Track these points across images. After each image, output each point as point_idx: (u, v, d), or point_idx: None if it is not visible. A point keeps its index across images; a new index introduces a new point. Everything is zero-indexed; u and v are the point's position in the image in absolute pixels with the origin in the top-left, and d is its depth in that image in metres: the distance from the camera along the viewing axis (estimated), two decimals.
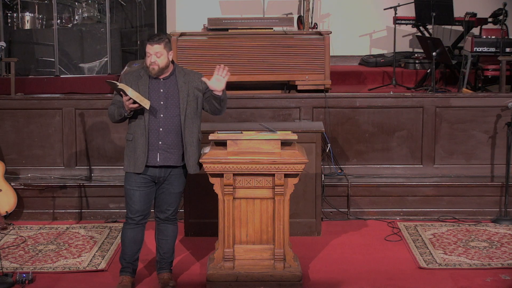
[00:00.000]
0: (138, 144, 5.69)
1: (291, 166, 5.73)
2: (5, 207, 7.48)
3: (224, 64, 5.91)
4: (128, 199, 5.80)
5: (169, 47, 5.71)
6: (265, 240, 5.91)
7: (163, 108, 5.70)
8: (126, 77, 5.78)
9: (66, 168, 8.07)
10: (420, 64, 10.59)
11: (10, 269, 6.24)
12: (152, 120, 5.68)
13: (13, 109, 8.05)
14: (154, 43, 5.63)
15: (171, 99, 5.72)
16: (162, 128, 5.70)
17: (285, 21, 9.36)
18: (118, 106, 5.69)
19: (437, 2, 10.06)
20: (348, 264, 6.44)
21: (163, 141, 5.70)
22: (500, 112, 7.97)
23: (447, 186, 7.72)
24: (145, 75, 5.74)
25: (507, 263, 6.38)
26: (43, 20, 10.36)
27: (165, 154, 5.71)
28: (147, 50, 5.66)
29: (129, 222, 5.84)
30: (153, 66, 5.66)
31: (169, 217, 5.90)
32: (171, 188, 5.82)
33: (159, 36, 5.69)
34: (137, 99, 5.56)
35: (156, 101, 5.69)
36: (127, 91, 5.55)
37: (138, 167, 5.70)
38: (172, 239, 5.97)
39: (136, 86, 5.67)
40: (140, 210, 5.79)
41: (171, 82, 5.75)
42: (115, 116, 5.74)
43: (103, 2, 10.42)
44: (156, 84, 5.73)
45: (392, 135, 8.04)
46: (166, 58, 5.68)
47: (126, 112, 5.64)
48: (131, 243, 5.87)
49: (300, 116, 8.03)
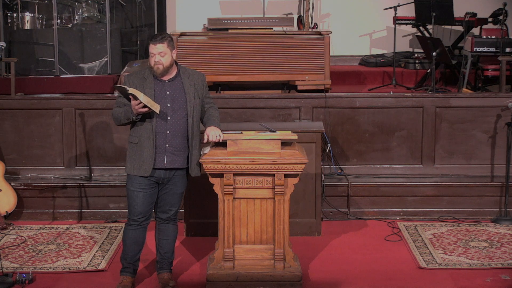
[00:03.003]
0: (144, 148, 5.66)
1: (291, 166, 5.73)
2: (5, 207, 7.48)
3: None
4: (131, 201, 5.77)
5: (172, 45, 5.67)
6: (265, 240, 5.91)
7: (170, 111, 5.66)
8: (130, 79, 5.72)
9: (66, 168, 8.08)
10: (420, 64, 10.59)
11: (10, 269, 6.24)
12: (159, 123, 5.65)
13: (13, 109, 8.06)
14: (157, 43, 5.59)
15: (178, 101, 5.69)
16: (170, 131, 5.66)
17: (285, 21, 9.36)
18: (125, 110, 5.63)
19: (437, 2, 10.06)
20: (348, 264, 6.44)
21: (170, 143, 5.68)
22: (500, 112, 7.97)
23: (447, 186, 7.72)
24: (150, 77, 5.69)
25: (507, 263, 6.38)
26: (43, 20, 10.36)
27: (172, 156, 5.69)
28: (151, 50, 5.63)
29: (131, 223, 5.82)
30: (157, 65, 5.62)
31: (170, 217, 5.90)
32: (175, 189, 5.82)
33: (162, 35, 5.65)
34: (148, 104, 5.50)
35: (163, 104, 5.65)
36: (139, 96, 5.48)
37: (145, 171, 5.66)
38: (173, 239, 5.97)
39: (142, 89, 5.62)
40: (143, 212, 5.78)
41: (177, 84, 5.72)
42: (122, 120, 5.69)
43: (103, 2, 10.42)
44: (162, 86, 5.70)
45: (392, 135, 8.04)
46: (170, 57, 5.64)
47: (134, 115, 5.59)
48: (132, 244, 5.87)
49: (300, 116, 8.03)
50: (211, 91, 8.68)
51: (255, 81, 8.78)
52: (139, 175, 5.69)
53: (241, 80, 8.75)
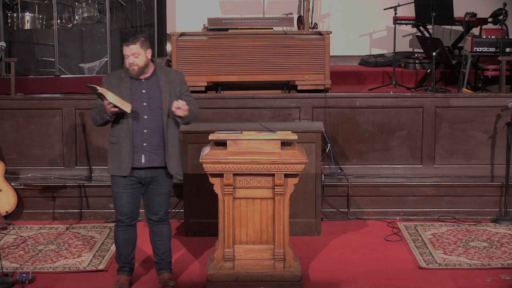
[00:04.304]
0: (122, 147, 5.68)
1: (291, 166, 5.73)
2: (5, 207, 7.48)
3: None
4: (116, 202, 5.81)
5: (146, 45, 5.66)
6: (265, 240, 5.91)
7: (146, 109, 5.67)
8: (107, 80, 5.75)
9: (66, 168, 8.08)
10: (420, 64, 10.59)
11: (10, 269, 6.24)
12: (136, 122, 5.66)
13: (13, 109, 8.06)
14: (129, 44, 5.60)
15: (154, 100, 5.69)
16: (147, 130, 5.67)
17: (285, 21, 9.35)
18: (100, 110, 5.67)
19: (437, 2, 10.05)
20: (348, 264, 6.44)
21: (147, 142, 5.68)
22: (500, 112, 7.97)
23: (447, 186, 7.72)
24: (126, 77, 5.70)
25: (507, 263, 6.38)
26: (43, 20, 10.36)
27: (150, 155, 5.69)
28: (124, 52, 5.64)
29: (119, 224, 5.85)
30: (132, 67, 5.63)
31: (161, 218, 5.88)
32: (160, 188, 5.80)
33: (134, 36, 5.66)
34: (118, 103, 5.53)
35: (139, 102, 5.67)
36: (106, 95, 5.51)
37: (124, 170, 5.69)
38: (168, 238, 5.96)
39: (118, 89, 5.65)
40: (129, 212, 5.80)
41: (153, 82, 5.72)
42: (98, 120, 5.74)
43: (103, 2, 10.42)
44: (138, 85, 5.70)
45: (392, 135, 8.04)
46: (144, 57, 5.64)
47: (108, 116, 5.63)
48: (124, 244, 5.89)
49: (300, 116, 8.03)
50: (211, 91, 8.73)
51: (255, 81, 8.78)
52: (119, 175, 5.71)
53: (241, 80, 8.75)
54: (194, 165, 7.03)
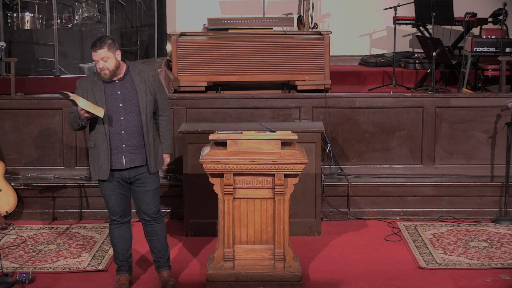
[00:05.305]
0: (100, 151, 5.67)
1: (291, 166, 5.73)
2: (5, 207, 7.48)
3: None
4: (107, 203, 5.83)
5: (114, 47, 5.61)
6: (265, 240, 5.91)
7: (122, 111, 5.64)
8: (81, 84, 5.72)
9: (66, 168, 8.07)
10: (420, 64, 10.59)
11: (10, 269, 6.24)
12: (112, 124, 5.64)
13: (13, 109, 8.05)
14: (97, 49, 5.56)
15: (130, 100, 5.66)
16: (124, 131, 5.65)
17: (285, 21, 9.35)
18: (75, 116, 5.65)
19: (437, 2, 10.06)
20: (348, 264, 6.44)
21: (126, 143, 5.66)
22: (500, 112, 7.97)
23: (447, 186, 7.72)
24: (99, 80, 5.66)
25: (507, 263, 6.38)
26: (43, 20, 10.36)
27: (130, 156, 5.68)
28: (93, 57, 5.61)
29: (113, 223, 5.88)
30: (104, 72, 5.59)
31: (153, 216, 5.85)
32: (146, 186, 5.79)
33: (100, 40, 5.60)
34: (90, 109, 5.50)
35: (115, 104, 5.64)
36: (78, 101, 5.49)
37: (103, 174, 5.68)
38: (163, 236, 5.95)
39: (92, 92, 5.63)
40: (120, 212, 5.82)
41: (127, 82, 5.69)
42: (74, 126, 5.73)
43: (103, 2, 10.43)
44: (112, 87, 5.67)
45: (392, 135, 8.04)
46: (114, 59, 5.60)
47: (83, 121, 5.62)
48: (120, 242, 5.90)
49: (300, 116, 8.03)
50: (211, 91, 8.74)
51: (255, 81, 8.78)
52: (100, 179, 5.72)
53: (241, 80, 8.75)
54: (194, 165, 7.03)
